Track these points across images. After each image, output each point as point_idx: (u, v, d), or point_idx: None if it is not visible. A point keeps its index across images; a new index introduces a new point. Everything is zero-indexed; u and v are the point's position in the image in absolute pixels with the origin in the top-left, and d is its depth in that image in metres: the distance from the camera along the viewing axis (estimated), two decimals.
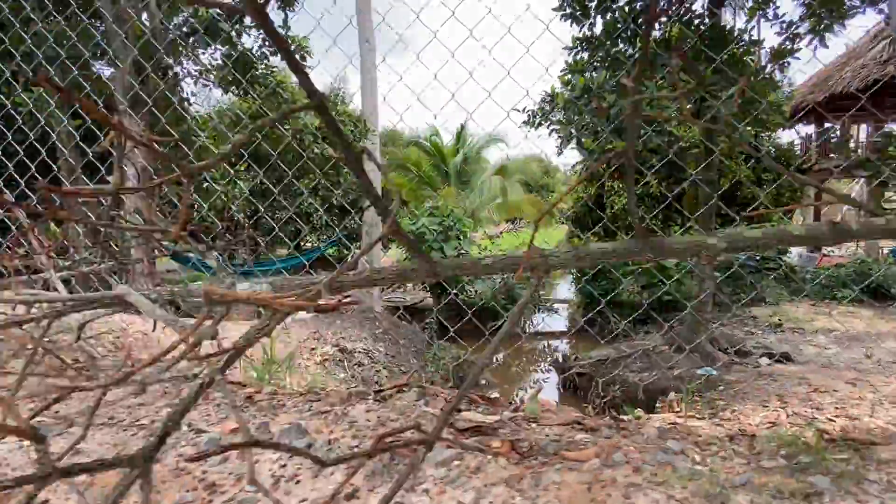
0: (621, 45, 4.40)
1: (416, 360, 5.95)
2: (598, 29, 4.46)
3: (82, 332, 1.58)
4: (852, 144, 13.68)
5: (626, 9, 4.15)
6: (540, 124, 5.19)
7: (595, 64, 4.51)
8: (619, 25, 4.21)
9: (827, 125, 14.50)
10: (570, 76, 4.79)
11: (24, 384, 1.22)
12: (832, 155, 13.47)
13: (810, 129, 15.94)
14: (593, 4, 4.69)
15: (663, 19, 6.17)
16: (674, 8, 5.96)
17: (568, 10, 4.78)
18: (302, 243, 12.38)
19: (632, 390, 5.35)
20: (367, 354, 5.09)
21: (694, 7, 5.93)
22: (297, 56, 5.33)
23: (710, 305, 6.24)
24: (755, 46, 6.71)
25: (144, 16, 4.88)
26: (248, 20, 4.84)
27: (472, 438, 1.38)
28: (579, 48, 4.89)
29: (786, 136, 15.82)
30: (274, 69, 5.46)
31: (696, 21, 6.01)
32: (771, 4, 6.45)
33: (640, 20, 4.34)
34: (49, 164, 3.76)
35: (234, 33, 4.68)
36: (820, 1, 5.96)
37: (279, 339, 5.30)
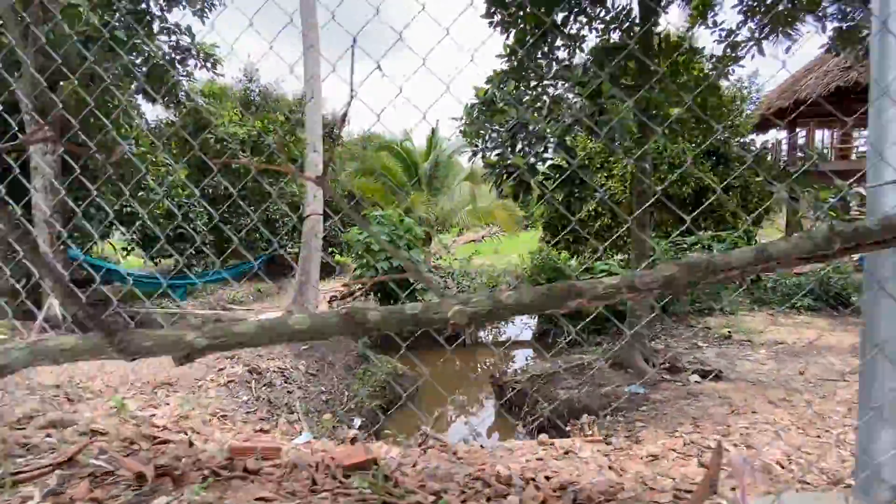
0: (535, 57, 4.26)
1: (346, 376, 5.77)
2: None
3: None
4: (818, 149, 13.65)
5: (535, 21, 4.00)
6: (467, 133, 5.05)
7: (510, 75, 4.36)
8: (528, 38, 4.07)
9: (800, 130, 14.46)
10: (488, 87, 4.65)
11: None
12: (801, 161, 13.43)
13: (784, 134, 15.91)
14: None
15: (600, 26, 6.07)
16: (609, 16, 5.84)
17: (497, 18, 4.63)
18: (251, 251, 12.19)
19: (561, 408, 5.20)
20: (282, 374, 4.90)
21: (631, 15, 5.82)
22: (208, 64, 5.15)
23: (647, 318, 6.10)
24: (697, 55, 6.62)
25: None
26: (155, 27, 4.65)
27: None
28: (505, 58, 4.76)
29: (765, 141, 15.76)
30: (189, 76, 5.28)
31: (636, 29, 5.89)
32: (710, 13, 6.36)
33: (554, 31, 4.20)
34: None
35: (139, 40, 4.49)
36: (765, 10, 5.88)
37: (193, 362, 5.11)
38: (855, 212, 8.39)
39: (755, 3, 5.41)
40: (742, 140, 13.13)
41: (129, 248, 11.10)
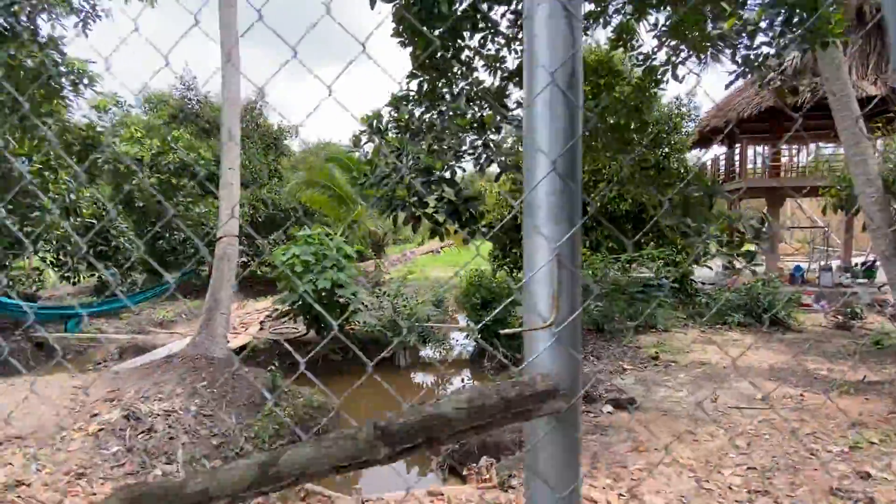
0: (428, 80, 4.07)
1: (250, 414, 5.39)
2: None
3: None
4: (750, 165, 14.13)
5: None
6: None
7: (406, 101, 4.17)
8: (428, 59, 3.88)
9: (734, 147, 14.94)
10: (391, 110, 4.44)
11: None
12: (737, 177, 13.87)
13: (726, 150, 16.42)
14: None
15: (519, 48, 5.98)
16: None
17: (405, 38, 4.41)
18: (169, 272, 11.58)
19: (470, 446, 4.99)
20: (167, 417, 4.50)
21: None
22: (81, 83, 4.71)
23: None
24: (619, 77, 6.63)
25: None
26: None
27: None
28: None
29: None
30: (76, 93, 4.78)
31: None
32: (627, 36, 6.37)
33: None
34: None
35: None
36: (672, 33, 5.90)
37: (62, 405, 4.64)
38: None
39: (666, 30, 5.42)
40: (680, 156, 13.47)
41: (42, 268, 10.35)
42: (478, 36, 4.80)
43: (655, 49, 6.32)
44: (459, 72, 3.97)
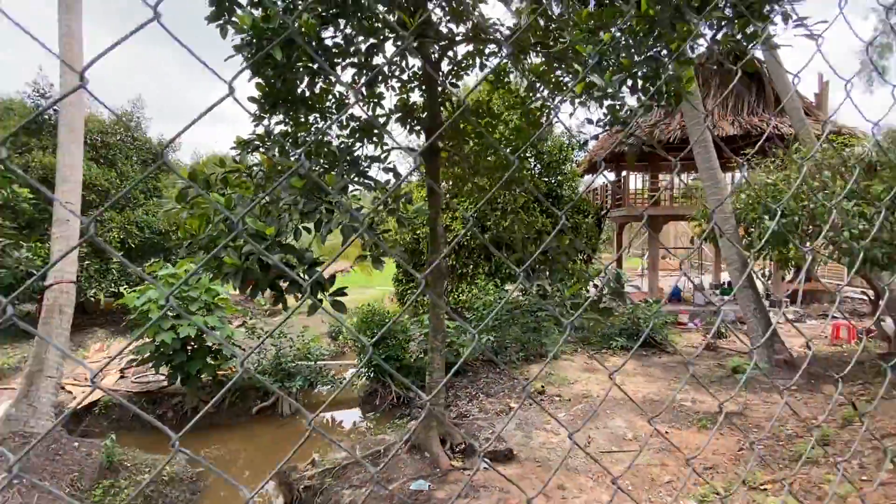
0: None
1: (79, 495, 4.52)
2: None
3: None
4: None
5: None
6: None
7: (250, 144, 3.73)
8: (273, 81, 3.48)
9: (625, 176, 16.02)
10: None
11: None
12: (620, 205, 14.84)
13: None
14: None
15: (396, 85, 5.77)
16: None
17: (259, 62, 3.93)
18: None
19: None
20: None
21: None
22: None
23: (443, 382, 5.82)
24: (496, 119, 6.66)
25: None
26: None
27: None
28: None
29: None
30: None
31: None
32: (504, 79, 6.43)
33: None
34: None
35: None
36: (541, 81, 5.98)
37: None
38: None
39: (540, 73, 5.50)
40: (572, 184, 14.16)
41: None
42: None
43: (530, 94, 6.45)
44: (304, 119, 3.62)
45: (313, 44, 3.17)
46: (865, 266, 6.32)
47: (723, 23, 3.90)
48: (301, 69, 3.22)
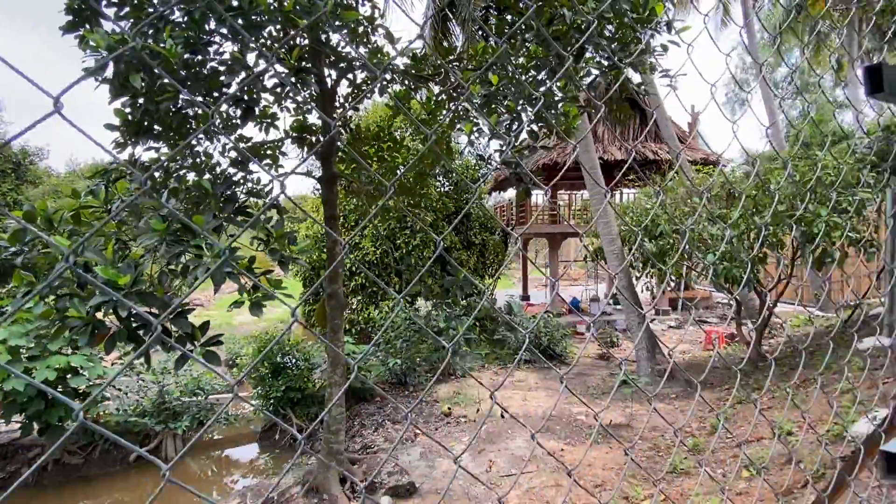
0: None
1: None
2: None
3: None
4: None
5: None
6: None
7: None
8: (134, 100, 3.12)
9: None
10: None
11: None
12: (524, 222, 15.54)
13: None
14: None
15: (291, 106, 5.53)
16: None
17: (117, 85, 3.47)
18: None
19: None
20: None
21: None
22: None
23: (343, 425, 5.62)
24: (398, 144, 6.65)
25: None
26: None
27: None
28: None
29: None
30: None
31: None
32: (404, 104, 6.42)
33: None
34: None
35: None
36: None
37: None
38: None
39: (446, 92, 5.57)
40: (481, 202, 14.59)
41: None
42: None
43: (429, 122, 6.52)
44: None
45: (182, 73, 2.90)
46: (728, 283, 7.15)
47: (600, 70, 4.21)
48: (167, 97, 2.92)
